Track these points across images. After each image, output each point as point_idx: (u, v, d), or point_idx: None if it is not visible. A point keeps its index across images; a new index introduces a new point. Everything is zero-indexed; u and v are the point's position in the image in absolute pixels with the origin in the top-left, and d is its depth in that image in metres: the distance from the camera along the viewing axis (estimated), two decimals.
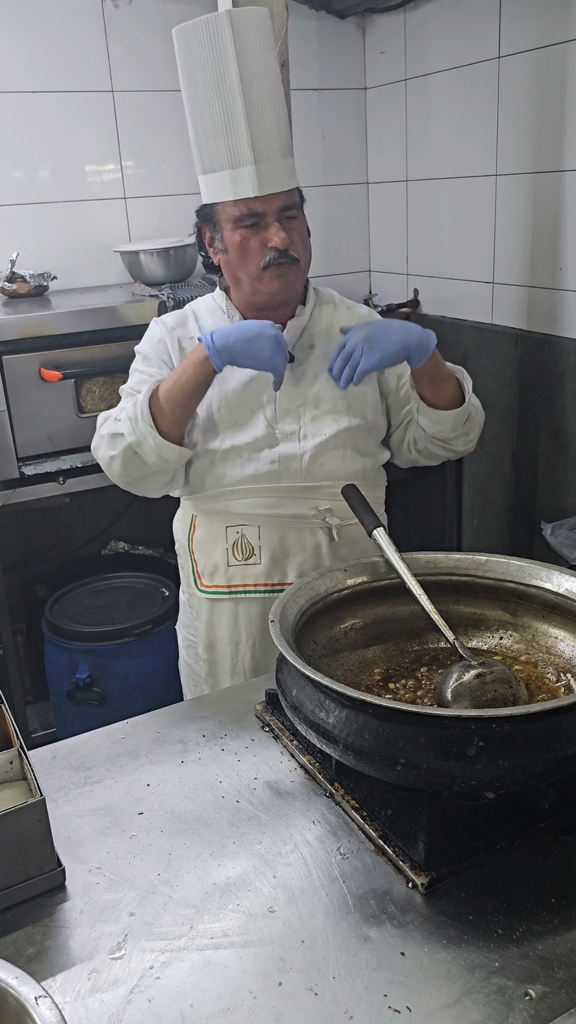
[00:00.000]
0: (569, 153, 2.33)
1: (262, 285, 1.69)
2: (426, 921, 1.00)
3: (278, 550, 1.76)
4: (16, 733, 1.19)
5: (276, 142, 1.66)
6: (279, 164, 1.66)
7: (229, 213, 1.67)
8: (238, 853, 1.12)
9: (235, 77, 1.60)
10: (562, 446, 2.55)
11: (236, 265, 1.70)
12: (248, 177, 1.63)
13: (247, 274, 1.70)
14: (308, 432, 1.76)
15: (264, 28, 1.67)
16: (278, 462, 1.75)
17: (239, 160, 1.63)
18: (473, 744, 0.99)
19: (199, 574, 1.83)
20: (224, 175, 1.65)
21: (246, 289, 1.73)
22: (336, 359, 1.63)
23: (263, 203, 1.64)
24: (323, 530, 1.76)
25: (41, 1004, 0.75)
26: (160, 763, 1.31)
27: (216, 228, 1.72)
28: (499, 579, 1.38)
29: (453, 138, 2.74)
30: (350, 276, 3.24)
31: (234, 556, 1.78)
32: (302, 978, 0.94)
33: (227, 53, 1.60)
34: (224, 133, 1.63)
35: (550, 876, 1.05)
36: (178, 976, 0.95)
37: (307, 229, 1.75)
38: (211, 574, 1.81)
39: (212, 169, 1.68)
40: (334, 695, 1.07)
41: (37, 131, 2.68)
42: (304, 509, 1.75)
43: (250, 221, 1.65)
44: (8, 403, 2.37)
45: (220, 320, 1.79)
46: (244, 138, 1.62)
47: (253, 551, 1.77)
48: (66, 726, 2.67)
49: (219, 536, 1.78)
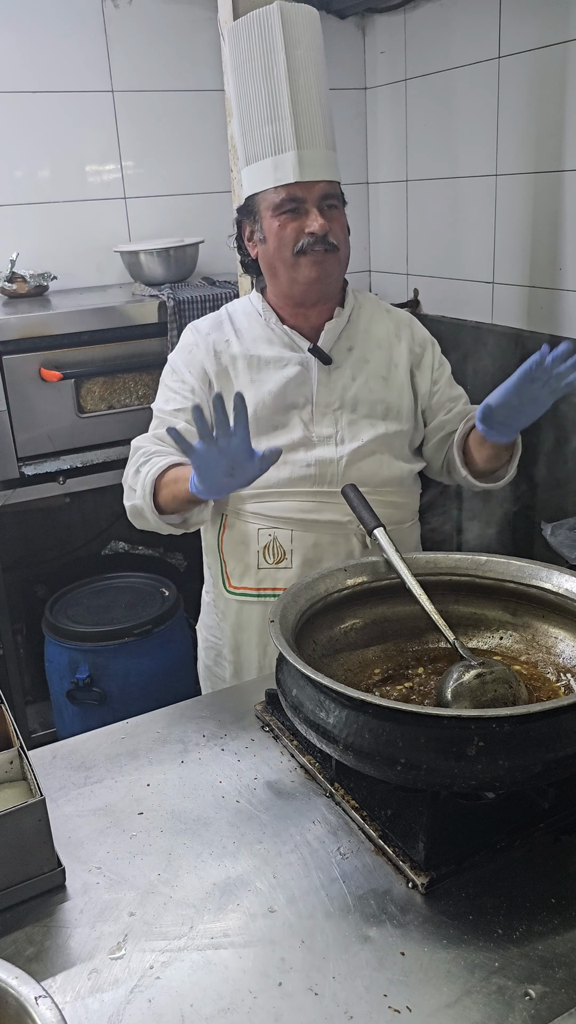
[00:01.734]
0: (569, 153, 2.33)
1: (298, 273, 1.67)
2: (426, 921, 1.00)
3: (310, 555, 1.74)
4: (16, 733, 1.19)
5: (320, 131, 1.68)
6: (322, 153, 1.68)
7: (270, 200, 1.67)
8: (238, 853, 1.12)
9: (283, 66, 1.64)
10: (562, 446, 2.55)
11: (273, 253, 1.69)
12: (290, 162, 1.64)
13: (283, 262, 1.68)
14: (345, 436, 1.74)
15: (313, 26, 1.72)
16: (314, 466, 1.73)
17: (282, 146, 1.65)
18: (473, 744, 0.99)
19: (228, 575, 1.81)
20: (267, 163, 1.67)
21: (283, 280, 1.71)
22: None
23: (304, 189, 1.65)
24: (356, 536, 1.74)
25: (41, 1004, 0.75)
26: (160, 763, 1.31)
27: (256, 219, 1.72)
28: (499, 579, 1.38)
29: (453, 138, 2.73)
30: (350, 276, 3.21)
31: (265, 559, 1.76)
32: (302, 978, 0.94)
33: (276, 43, 1.64)
34: (269, 121, 1.66)
35: (550, 876, 1.05)
36: (178, 976, 0.95)
37: (348, 227, 1.74)
38: (241, 575, 1.79)
39: (256, 158, 1.69)
40: (334, 695, 1.07)
41: (37, 131, 2.68)
42: (339, 515, 1.72)
43: (290, 206, 1.65)
44: (8, 403, 2.37)
45: (255, 322, 1.78)
46: (288, 124, 1.64)
47: (285, 555, 1.75)
48: (66, 726, 2.67)
49: (251, 538, 1.76)
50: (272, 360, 1.75)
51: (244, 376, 1.74)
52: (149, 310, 2.49)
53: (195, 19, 2.77)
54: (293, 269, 1.68)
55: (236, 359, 1.75)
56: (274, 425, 1.74)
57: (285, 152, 1.65)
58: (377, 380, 1.77)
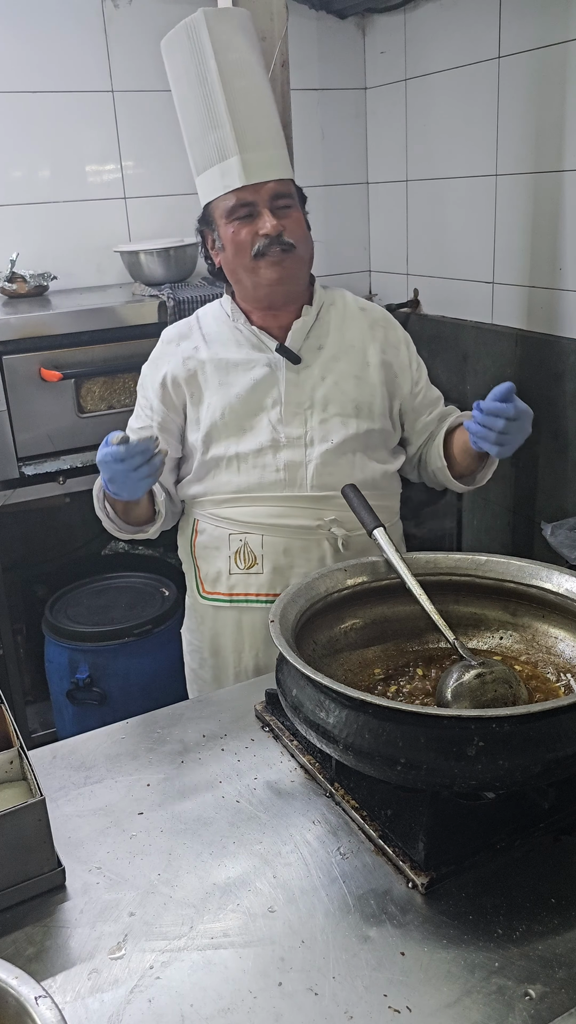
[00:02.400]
0: (569, 153, 2.33)
1: (258, 276, 1.67)
2: (426, 921, 1.00)
3: (281, 560, 1.73)
4: (16, 733, 1.19)
5: (263, 132, 1.67)
6: (266, 154, 1.67)
7: (223, 207, 1.67)
8: (238, 853, 1.12)
9: (215, 73, 1.64)
10: (562, 446, 2.55)
11: (233, 260, 1.70)
12: (235, 167, 1.64)
13: (243, 267, 1.68)
14: (315, 437, 1.72)
15: (245, 27, 1.71)
16: (283, 470, 1.72)
17: (225, 152, 1.65)
18: (473, 744, 0.99)
19: (201, 580, 1.82)
20: (214, 171, 1.67)
21: (246, 285, 1.71)
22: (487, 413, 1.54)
23: (252, 192, 1.65)
24: (328, 541, 1.73)
25: (41, 1004, 0.75)
26: (160, 763, 1.31)
27: (213, 227, 1.72)
28: (499, 579, 1.38)
29: (453, 138, 2.73)
30: (350, 276, 3.24)
31: (236, 564, 1.75)
32: (302, 978, 0.94)
33: (206, 51, 1.64)
34: (210, 128, 1.66)
35: (550, 876, 1.05)
36: (178, 976, 0.95)
37: (307, 223, 1.73)
38: (213, 581, 1.79)
39: (204, 167, 1.70)
40: (334, 695, 1.07)
41: (37, 131, 2.68)
42: (309, 520, 1.72)
43: (242, 212, 1.65)
44: (8, 403, 2.37)
45: (224, 325, 1.78)
46: (227, 129, 1.64)
47: (256, 560, 1.74)
48: (66, 726, 2.67)
49: (222, 543, 1.76)
50: (240, 362, 1.74)
51: (212, 380, 1.74)
52: (149, 310, 2.49)
53: None
54: (253, 273, 1.68)
55: (204, 364, 1.75)
56: (242, 428, 1.73)
57: (229, 158, 1.65)
58: (349, 379, 1.75)
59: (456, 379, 2.89)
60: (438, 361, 2.94)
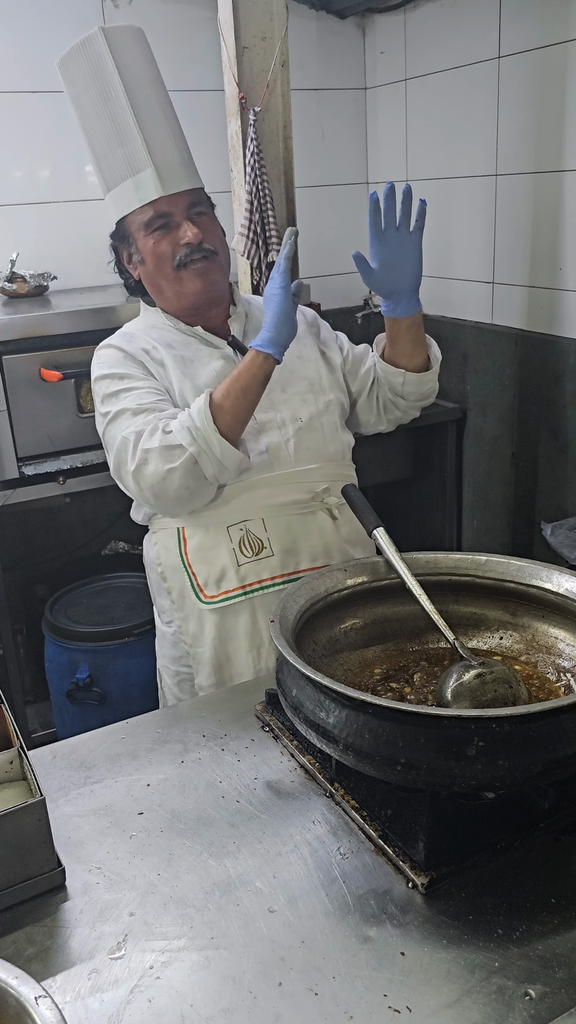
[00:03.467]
0: (569, 153, 2.33)
1: (182, 286, 1.71)
2: (426, 921, 1.00)
3: (287, 538, 1.75)
4: (16, 733, 1.19)
5: (171, 144, 1.70)
6: (178, 165, 1.70)
7: (139, 221, 1.69)
8: (238, 853, 1.12)
9: (119, 87, 1.66)
10: (562, 446, 2.55)
11: (154, 272, 1.72)
12: (150, 179, 1.67)
13: (165, 278, 1.71)
14: (285, 417, 1.78)
15: (141, 43, 1.73)
16: (266, 452, 1.75)
17: (138, 165, 1.67)
18: (473, 744, 0.99)
19: (200, 587, 1.77)
20: (127, 185, 1.69)
21: (169, 295, 1.74)
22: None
23: (169, 203, 1.67)
24: (324, 511, 1.77)
25: (41, 1004, 0.75)
26: (160, 763, 1.31)
27: (130, 242, 1.74)
28: (499, 579, 1.38)
29: (453, 138, 2.74)
30: (350, 276, 3.22)
31: (243, 554, 1.74)
32: (302, 978, 0.94)
33: (107, 67, 1.66)
34: (119, 143, 1.68)
35: (550, 876, 1.05)
36: (178, 976, 0.95)
37: (222, 230, 1.77)
38: (218, 581, 1.75)
39: (116, 183, 1.71)
40: (334, 695, 1.07)
41: (37, 131, 2.68)
42: (300, 494, 1.76)
43: (160, 223, 1.68)
44: (8, 403, 2.37)
45: (165, 331, 1.78)
46: (138, 143, 1.66)
47: (263, 545, 1.75)
48: (66, 726, 2.67)
49: (220, 539, 1.74)
50: (195, 358, 1.76)
51: (175, 371, 1.74)
52: None
53: (195, 19, 2.77)
54: (176, 283, 1.71)
55: (164, 359, 1.75)
56: None
57: (142, 171, 1.67)
58: (293, 360, 1.78)
59: (456, 379, 2.89)
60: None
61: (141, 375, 1.72)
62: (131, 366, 1.73)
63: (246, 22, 2.23)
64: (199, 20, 2.75)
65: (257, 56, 2.27)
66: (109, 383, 1.72)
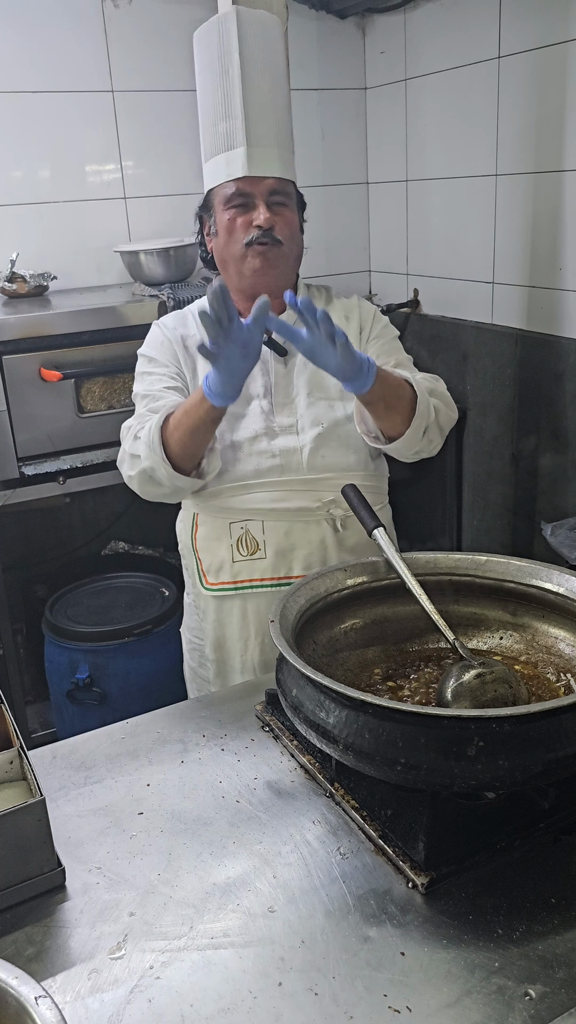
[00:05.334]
0: (569, 153, 2.33)
1: (244, 264, 1.73)
2: (426, 921, 1.00)
3: (283, 544, 1.77)
4: (16, 733, 1.19)
5: (271, 130, 1.73)
6: (271, 151, 1.73)
7: (222, 194, 1.73)
8: (238, 853, 1.12)
9: (236, 66, 1.70)
10: (562, 446, 2.55)
11: (223, 246, 1.75)
12: (239, 158, 1.71)
13: (232, 255, 1.74)
14: (305, 424, 1.77)
15: (272, 33, 1.78)
16: (279, 456, 1.76)
17: (233, 142, 1.71)
18: (473, 744, 0.99)
19: (204, 572, 1.84)
20: (220, 158, 1.74)
21: (232, 272, 1.77)
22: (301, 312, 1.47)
23: (252, 184, 1.71)
24: (328, 522, 1.77)
25: (41, 1004, 0.75)
26: (160, 763, 1.31)
27: (211, 213, 1.78)
28: (499, 579, 1.38)
29: (453, 138, 2.73)
30: (350, 276, 3.24)
31: (239, 552, 1.78)
32: (302, 978, 0.94)
33: (231, 45, 1.71)
34: (223, 118, 1.72)
35: (550, 876, 1.05)
36: (178, 976, 0.95)
37: (300, 225, 1.79)
38: (216, 571, 1.81)
39: (212, 154, 1.76)
40: (334, 695, 1.07)
41: (37, 131, 2.68)
42: (308, 502, 1.76)
43: (239, 201, 1.71)
44: (8, 403, 2.37)
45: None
46: (239, 122, 1.70)
47: (258, 546, 1.77)
48: (66, 726, 2.67)
49: (223, 533, 1.79)
50: None
51: (204, 368, 1.74)
52: (149, 310, 2.49)
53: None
54: (241, 261, 1.73)
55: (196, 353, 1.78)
56: (236, 416, 1.77)
57: (236, 148, 1.71)
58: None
59: (456, 379, 2.89)
60: (438, 361, 2.94)
61: (166, 361, 1.79)
62: (163, 350, 1.80)
63: None
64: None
65: None
66: (142, 363, 1.84)
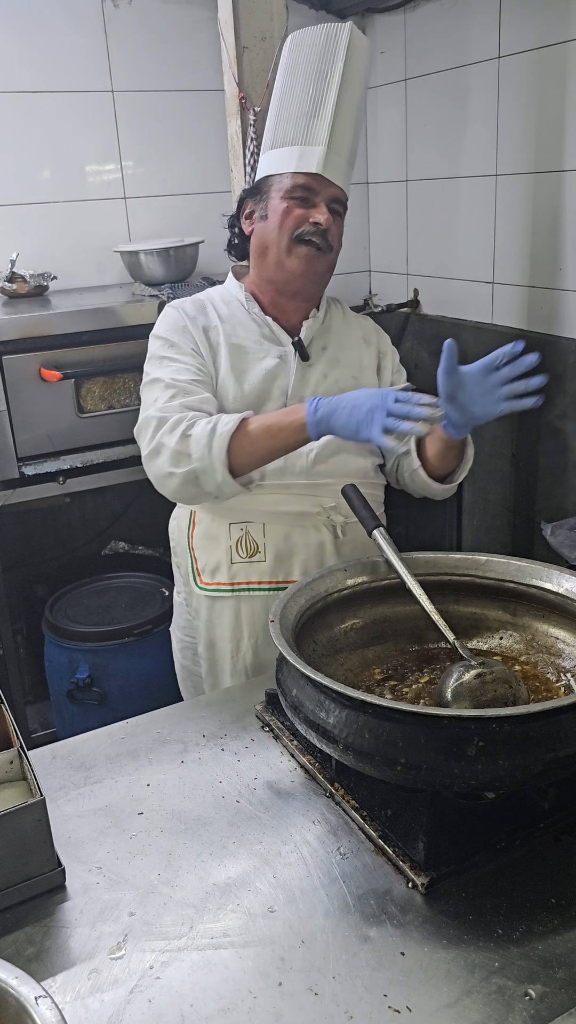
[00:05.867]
0: (569, 153, 2.33)
1: (288, 259, 1.73)
2: (426, 921, 1.00)
3: (283, 547, 1.76)
4: (16, 733, 1.19)
5: (349, 143, 1.78)
6: (344, 162, 1.77)
7: (284, 184, 1.73)
8: (238, 853, 1.12)
9: (339, 74, 1.75)
10: (562, 446, 2.55)
11: (271, 231, 1.74)
12: (317, 155, 1.72)
13: (278, 244, 1.73)
14: None
15: (369, 58, 1.84)
16: (283, 460, 1.74)
17: (315, 139, 1.73)
18: (473, 744, 0.99)
19: (199, 571, 1.83)
20: (294, 149, 1.74)
21: (270, 261, 1.75)
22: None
23: (319, 183, 1.72)
24: (327, 527, 1.77)
25: (41, 1004, 0.75)
26: (160, 763, 1.31)
27: (262, 199, 1.77)
28: (499, 579, 1.38)
29: (453, 138, 2.73)
30: (350, 276, 3.24)
31: (238, 553, 1.77)
32: (302, 978, 0.94)
33: (339, 54, 1.75)
34: (309, 115, 1.74)
35: (550, 876, 1.05)
36: (178, 976, 0.95)
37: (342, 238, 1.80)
38: (212, 571, 1.80)
39: (284, 144, 1.76)
40: (334, 695, 1.07)
41: (37, 131, 2.68)
42: (309, 506, 1.76)
43: (301, 194, 1.72)
44: (8, 403, 2.37)
45: (237, 310, 1.81)
46: (327, 122, 1.73)
47: (258, 549, 1.77)
48: (66, 726, 2.67)
49: (222, 533, 1.78)
50: (252, 350, 1.78)
51: (226, 364, 1.75)
52: (149, 310, 2.49)
53: (195, 19, 2.77)
54: (286, 252, 1.73)
55: (220, 345, 1.77)
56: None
57: (316, 145, 1.73)
58: (348, 380, 1.81)
59: None
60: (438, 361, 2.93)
61: (189, 349, 1.75)
62: (184, 337, 1.76)
63: (246, 22, 2.23)
64: (199, 20, 2.75)
65: (257, 56, 2.27)
66: (159, 345, 1.77)
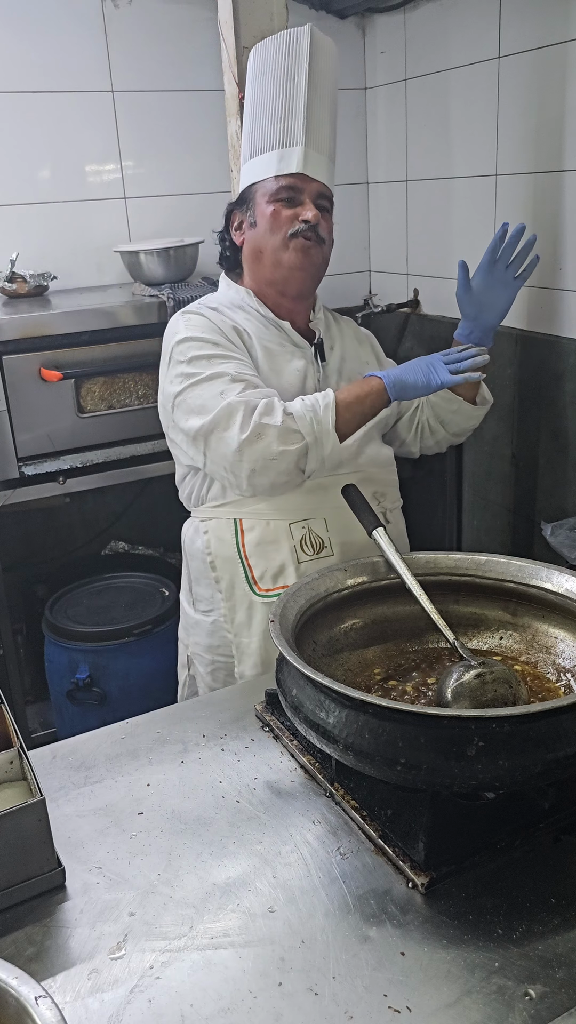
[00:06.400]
0: (569, 153, 2.32)
1: (285, 255, 1.75)
2: (426, 921, 1.00)
3: (346, 537, 1.77)
4: (16, 733, 1.19)
5: (327, 139, 1.80)
6: (325, 158, 1.79)
7: (268, 188, 1.76)
8: (238, 853, 1.12)
9: (304, 74, 1.76)
10: (562, 446, 2.55)
11: (263, 235, 1.77)
12: (296, 155, 1.75)
13: (272, 246, 1.76)
14: None
15: (334, 56, 1.86)
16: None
17: (292, 140, 1.75)
18: (473, 744, 0.99)
19: (255, 580, 1.78)
20: (273, 154, 1.77)
21: (267, 262, 1.78)
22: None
23: (303, 182, 1.75)
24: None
25: (41, 1004, 0.75)
26: (160, 763, 1.31)
27: (249, 207, 1.80)
28: (499, 579, 1.38)
29: (453, 138, 2.73)
30: (350, 276, 3.24)
31: (304, 552, 1.76)
32: (302, 978, 0.94)
33: (302, 54, 1.77)
34: (282, 118, 1.76)
35: (550, 876, 1.05)
36: (178, 976, 0.95)
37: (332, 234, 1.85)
38: (275, 576, 1.77)
39: (262, 151, 1.79)
40: (334, 695, 1.07)
41: (37, 131, 2.68)
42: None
43: (287, 195, 1.75)
44: (8, 403, 2.37)
45: (252, 316, 1.82)
46: (300, 122, 1.75)
47: (324, 544, 1.77)
48: (66, 726, 2.67)
49: (282, 535, 1.76)
50: (279, 352, 1.81)
51: (263, 364, 1.78)
52: (149, 310, 2.49)
53: (195, 19, 2.76)
54: (281, 251, 1.75)
55: (254, 347, 1.79)
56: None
57: (293, 146, 1.74)
58: (356, 376, 1.86)
59: None
60: None
61: (235, 348, 1.77)
62: (221, 337, 1.77)
63: (246, 22, 2.23)
64: (199, 20, 2.75)
65: None
66: (200, 346, 1.73)
